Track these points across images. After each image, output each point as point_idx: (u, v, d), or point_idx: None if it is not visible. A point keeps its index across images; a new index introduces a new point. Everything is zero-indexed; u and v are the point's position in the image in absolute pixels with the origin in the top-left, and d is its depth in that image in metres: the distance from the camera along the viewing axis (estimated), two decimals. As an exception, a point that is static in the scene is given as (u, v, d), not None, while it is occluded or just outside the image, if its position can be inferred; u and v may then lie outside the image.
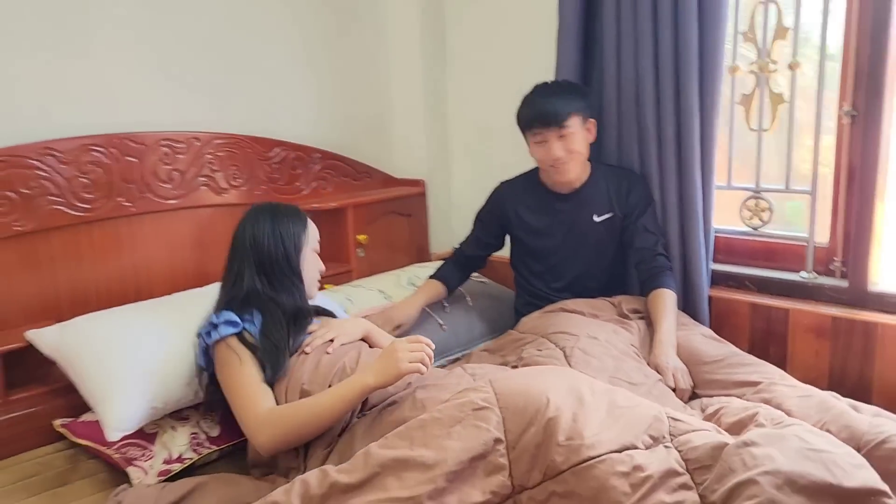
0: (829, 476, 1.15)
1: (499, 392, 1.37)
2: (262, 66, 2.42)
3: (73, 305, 1.99)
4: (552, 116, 1.98)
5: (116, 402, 1.63)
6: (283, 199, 2.40)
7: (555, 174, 2.07)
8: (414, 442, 1.30)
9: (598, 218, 2.11)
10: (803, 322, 2.01)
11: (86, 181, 1.99)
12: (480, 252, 2.29)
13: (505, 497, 1.26)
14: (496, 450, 1.29)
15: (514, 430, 1.31)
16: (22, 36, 1.92)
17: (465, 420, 1.32)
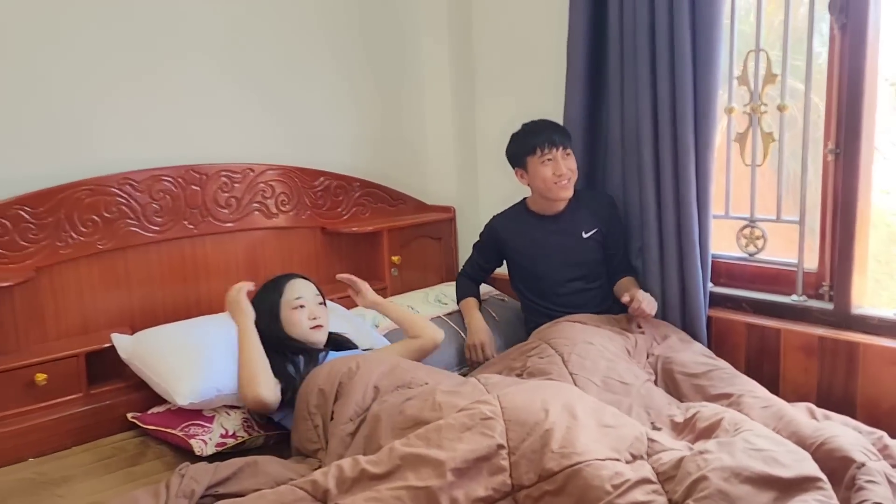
0: (769, 468, 1.38)
1: (504, 405, 1.61)
2: (308, 105, 2.72)
3: (143, 314, 2.30)
4: (561, 138, 2.32)
5: (186, 376, 1.96)
6: (326, 223, 2.70)
7: (558, 191, 2.33)
8: (430, 442, 1.55)
9: (587, 234, 2.39)
10: (794, 341, 2.20)
11: (157, 206, 2.31)
12: (482, 273, 2.61)
13: (505, 494, 1.47)
14: (499, 454, 1.51)
15: (516, 438, 1.53)
16: (108, 82, 2.26)
17: (474, 427, 1.56)
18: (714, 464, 1.41)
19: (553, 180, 2.32)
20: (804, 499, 1.33)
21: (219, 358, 2.03)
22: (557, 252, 2.39)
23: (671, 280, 2.34)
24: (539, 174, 2.33)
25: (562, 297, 2.39)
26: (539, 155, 2.32)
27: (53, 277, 2.14)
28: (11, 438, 1.93)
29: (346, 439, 1.77)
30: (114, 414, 2.09)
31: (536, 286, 2.44)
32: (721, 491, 1.35)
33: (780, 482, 1.37)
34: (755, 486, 1.36)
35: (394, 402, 1.79)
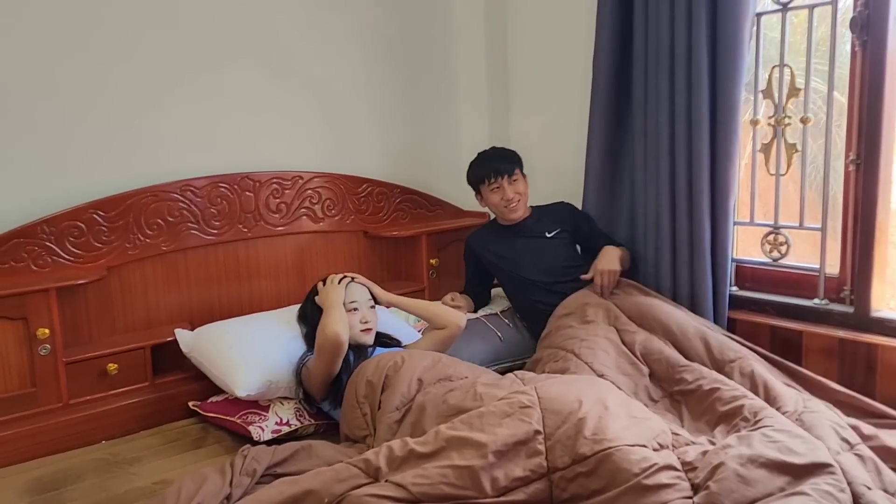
0: (784, 456, 1.51)
1: (541, 396, 1.75)
2: (352, 115, 2.89)
3: (201, 311, 2.48)
4: (504, 167, 2.62)
5: (242, 370, 2.13)
6: (368, 227, 2.87)
7: (508, 213, 2.64)
8: (473, 427, 1.69)
9: (549, 234, 2.66)
10: (815, 343, 2.30)
11: (214, 211, 2.49)
12: (480, 289, 2.83)
13: (541, 475, 1.60)
14: (536, 438, 1.65)
15: (551, 425, 1.67)
16: (173, 96, 2.46)
17: (513, 414, 1.70)
18: (732, 452, 1.54)
19: (502, 205, 2.62)
20: (816, 482, 1.46)
21: (273, 353, 2.20)
22: (527, 253, 2.63)
23: (682, 282, 2.48)
24: (490, 200, 2.65)
25: (545, 289, 2.57)
26: (488, 184, 2.62)
27: (122, 276, 2.33)
28: (86, 422, 2.12)
29: (392, 426, 1.92)
30: (177, 402, 2.28)
31: (528, 290, 2.61)
32: (738, 474, 1.48)
33: (793, 468, 1.49)
34: (770, 470, 1.49)
35: (437, 393, 1.94)
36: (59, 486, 1.86)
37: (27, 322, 2.06)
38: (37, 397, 2.09)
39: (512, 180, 2.60)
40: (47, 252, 2.18)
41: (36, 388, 2.09)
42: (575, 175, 2.91)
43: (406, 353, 2.12)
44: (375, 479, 1.62)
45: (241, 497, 1.69)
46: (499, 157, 2.65)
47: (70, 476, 1.91)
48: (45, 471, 1.94)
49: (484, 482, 1.57)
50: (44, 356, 2.09)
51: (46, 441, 2.05)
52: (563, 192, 2.86)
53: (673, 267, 2.52)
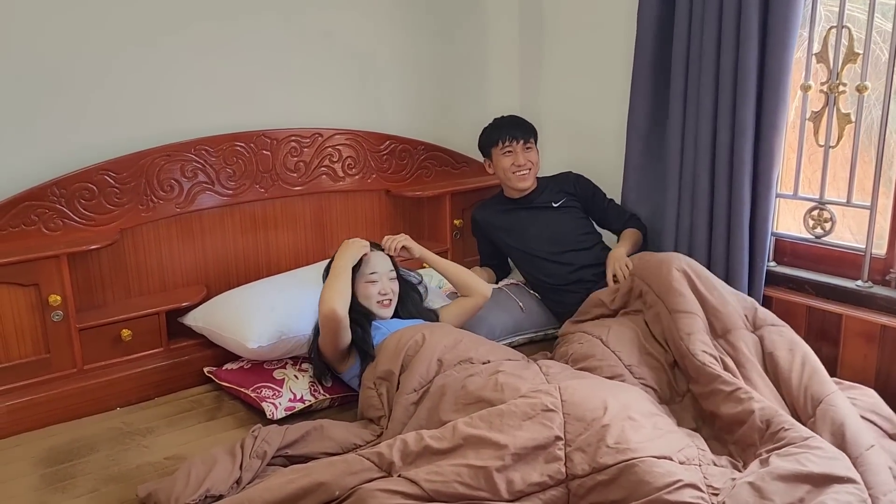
0: (800, 467, 1.45)
1: (565, 399, 1.67)
2: (374, 70, 2.75)
3: (217, 273, 2.43)
4: (520, 133, 2.55)
5: (253, 321, 2.10)
6: (390, 186, 2.77)
7: (517, 181, 2.55)
8: (492, 426, 1.62)
9: (556, 203, 2.58)
10: (855, 327, 2.19)
11: (230, 171, 2.41)
12: (496, 261, 2.75)
13: (559, 482, 1.54)
14: (556, 444, 1.58)
15: (573, 431, 1.60)
16: (183, 51, 2.34)
17: (535, 417, 1.63)
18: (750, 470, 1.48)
19: (512, 170, 2.54)
20: (837, 490, 1.39)
21: (281, 304, 2.16)
22: (534, 225, 2.56)
23: (717, 255, 2.37)
24: (500, 164, 2.56)
25: (557, 261, 2.49)
26: (500, 147, 2.54)
27: (135, 238, 2.28)
28: (100, 389, 2.11)
29: (409, 408, 1.87)
30: (192, 368, 2.25)
31: (536, 264, 2.54)
32: (754, 487, 1.43)
33: (811, 477, 1.43)
34: (787, 482, 1.43)
35: (457, 377, 1.88)
36: (72, 458, 1.85)
37: (38, 288, 2.02)
38: (50, 363, 2.07)
39: (526, 147, 2.54)
40: (58, 215, 2.12)
41: (49, 354, 2.07)
42: (609, 138, 2.77)
43: (427, 330, 2.05)
44: (388, 473, 1.59)
45: (251, 481, 1.66)
46: (516, 124, 2.59)
47: (84, 446, 1.90)
48: (59, 440, 1.94)
49: (499, 484, 1.52)
50: (56, 322, 2.06)
51: (60, 408, 2.04)
52: (596, 157, 2.73)
53: (709, 239, 2.40)
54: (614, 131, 2.71)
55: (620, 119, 2.64)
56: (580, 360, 2.03)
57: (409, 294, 2.31)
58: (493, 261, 2.75)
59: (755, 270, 2.34)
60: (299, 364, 2.18)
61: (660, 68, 2.48)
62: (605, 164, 2.77)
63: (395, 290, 2.21)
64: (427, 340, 1.99)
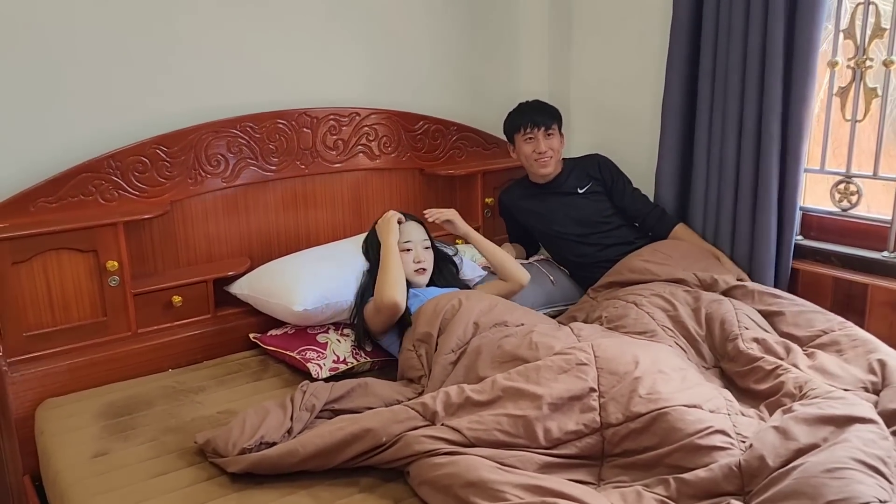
0: (823, 411, 1.54)
1: (598, 355, 1.76)
2: (410, 51, 2.84)
3: (261, 245, 2.53)
4: (543, 119, 2.58)
5: (298, 286, 2.19)
6: (424, 165, 2.85)
7: (538, 167, 2.59)
8: (529, 379, 1.71)
9: (582, 189, 2.63)
10: (880, 296, 2.24)
11: (273, 147, 2.51)
12: (525, 240, 2.82)
13: (594, 430, 1.62)
14: (590, 395, 1.66)
15: (606, 384, 1.68)
16: (232, 31, 2.44)
17: (570, 371, 1.71)
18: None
19: (533, 157, 2.58)
20: (859, 428, 1.46)
21: (325, 271, 2.25)
22: (560, 210, 2.61)
23: (742, 230, 2.42)
24: (522, 150, 2.61)
25: (586, 242, 2.56)
26: (522, 133, 2.59)
27: (184, 210, 2.38)
28: (153, 351, 2.22)
29: (447, 367, 1.96)
30: (238, 334, 2.35)
31: (563, 246, 2.62)
32: (778, 429, 1.49)
33: (834, 419, 1.50)
34: (811, 424, 1.50)
35: (493, 338, 1.96)
36: (131, 412, 1.96)
37: (97, 254, 2.13)
38: (108, 326, 2.19)
39: (548, 134, 2.57)
40: (114, 186, 2.23)
41: (107, 317, 2.18)
42: (640, 119, 2.84)
43: (463, 296, 2.14)
44: (432, 422, 1.67)
45: (302, 431, 1.76)
46: (538, 110, 2.62)
47: (140, 402, 2.01)
48: (117, 396, 2.05)
49: (538, 432, 1.60)
50: (113, 287, 2.17)
51: (117, 367, 2.16)
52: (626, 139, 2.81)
53: (734, 213, 2.46)
54: (646, 113, 2.78)
55: (652, 101, 2.71)
56: (614, 320, 2.11)
57: (445, 265, 2.40)
58: (521, 240, 2.83)
59: (783, 244, 2.40)
60: (341, 329, 2.28)
61: (695, 46, 2.53)
62: (635, 146, 2.84)
63: (430, 259, 2.30)
64: (463, 305, 2.08)
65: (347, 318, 2.26)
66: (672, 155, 2.61)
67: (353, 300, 2.24)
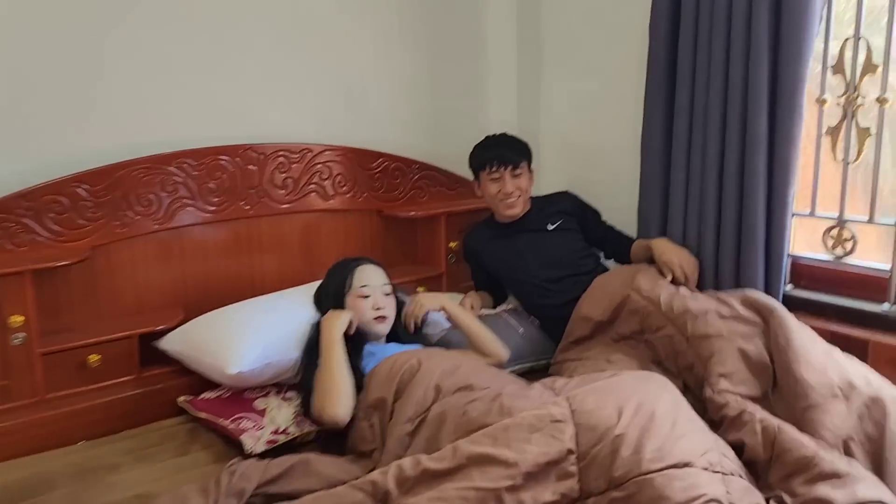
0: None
1: (574, 408, 1.54)
2: (367, 85, 2.63)
3: (197, 294, 2.26)
4: (510, 156, 2.36)
5: (236, 345, 1.93)
6: (382, 206, 2.62)
7: (504, 208, 2.39)
8: (497, 441, 1.48)
9: (552, 225, 2.42)
10: (883, 354, 2.03)
11: (213, 186, 2.26)
12: (491, 288, 2.57)
13: (572, 500, 1.42)
14: (568, 459, 1.45)
15: (585, 443, 1.47)
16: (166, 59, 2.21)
17: (543, 429, 1.49)
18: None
19: (499, 198, 2.38)
20: None
21: (268, 325, 2.00)
22: (530, 251, 2.39)
23: (726, 278, 2.22)
24: (487, 189, 2.40)
25: (555, 288, 2.33)
26: (488, 171, 2.37)
27: (109, 256, 2.12)
28: (64, 420, 1.92)
29: (404, 440, 1.70)
30: (165, 397, 2.06)
31: (532, 292, 2.39)
32: None
33: None
34: None
35: (457, 404, 1.72)
36: (27, 496, 1.66)
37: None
38: (10, 391, 1.90)
39: (515, 173, 2.37)
40: (25, 229, 1.96)
41: (9, 380, 1.89)
42: (614, 157, 2.65)
43: (424, 355, 1.89)
44: (384, 503, 1.42)
45: (227, 523, 1.48)
46: (506, 145, 2.41)
47: (41, 483, 1.71)
48: (15, 476, 1.75)
49: (511, 507, 1.35)
50: (17, 346, 1.88)
51: (19, 440, 1.85)
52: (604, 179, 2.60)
53: (716, 259, 2.25)
54: (622, 150, 2.59)
55: (629, 137, 2.51)
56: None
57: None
58: (487, 287, 2.59)
59: (772, 293, 2.19)
60: (284, 392, 2.01)
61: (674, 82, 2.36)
62: (610, 185, 2.64)
63: (392, 307, 2.06)
64: (423, 365, 1.83)
65: (292, 377, 1.99)
66: (654, 195, 2.41)
67: (300, 357, 1.97)
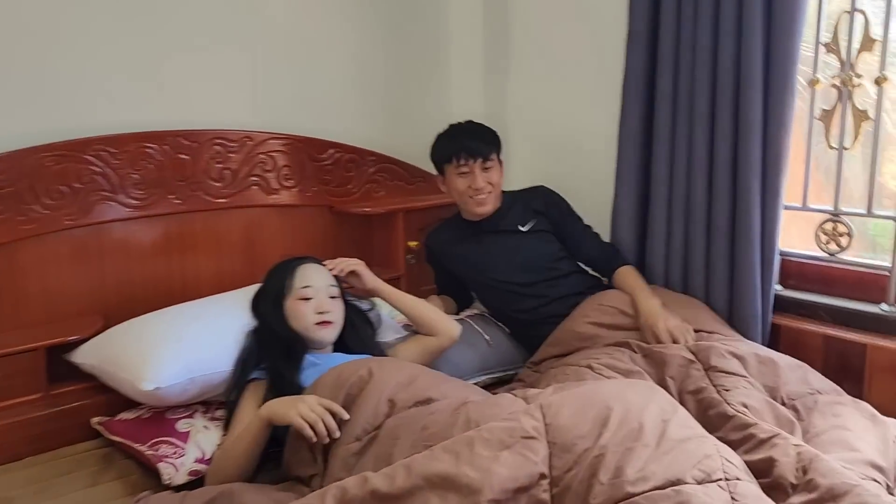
0: None
1: (549, 421, 1.33)
2: (319, 68, 2.39)
3: (120, 301, 2.00)
4: (479, 148, 2.10)
5: (153, 356, 1.67)
6: (334, 202, 2.38)
7: (474, 205, 2.13)
8: (460, 459, 1.26)
9: (525, 227, 2.16)
10: (882, 359, 1.85)
11: (137, 177, 2.00)
12: (455, 291, 2.33)
13: None
14: (539, 485, 1.25)
15: (560, 466, 1.26)
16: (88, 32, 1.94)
17: (513, 447, 1.28)
18: None
19: (468, 194, 2.13)
20: None
21: (193, 336, 1.74)
22: (501, 253, 2.15)
23: (718, 281, 2.02)
24: (454, 185, 2.15)
25: (525, 295, 2.10)
26: (455, 165, 2.12)
27: (12, 257, 1.84)
28: (-45, 447, 1.64)
29: (349, 461, 1.46)
30: (77, 419, 1.78)
31: (503, 298, 2.16)
32: None
33: None
34: None
35: (414, 416, 1.49)
36: None
37: None
38: None
39: (485, 167, 2.11)
40: None
41: None
42: (589, 147, 2.44)
43: (375, 364, 1.65)
44: (321, 533, 1.17)
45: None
46: (474, 135, 2.15)
47: (-85, 525, 1.44)
48: None
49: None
50: None
51: None
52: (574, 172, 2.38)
53: (706, 260, 2.05)
54: (598, 140, 2.37)
55: (605, 126, 2.30)
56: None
57: (359, 324, 1.91)
58: (451, 291, 2.35)
59: (764, 294, 2.00)
60: (213, 411, 1.75)
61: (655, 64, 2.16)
62: (584, 179, 2.42)
63: (339, 311, 1.81)
64: (375, 376, 1.59)
65: (222, 394, 1.73)
66: (632, 192, 2.19)
67: (232, 372, 1.72)
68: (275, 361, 1.69)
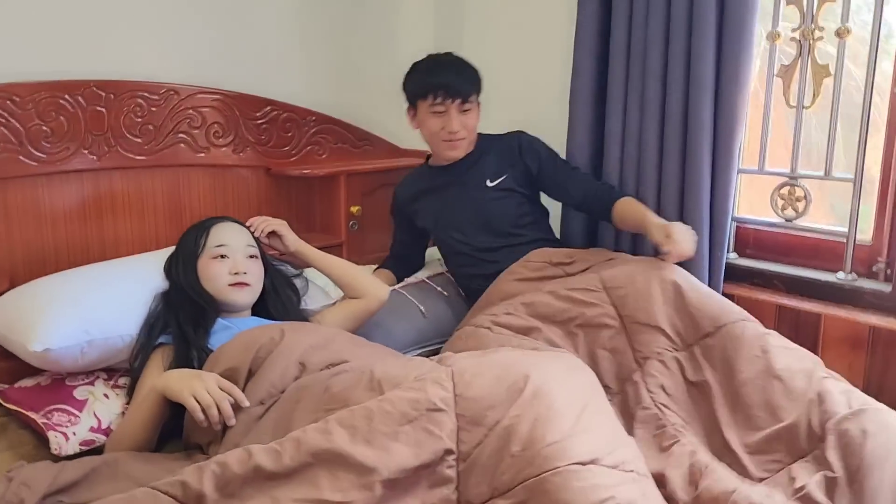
0: None
1: (459, 392, 1.22)
2: (255, 19, 2.23)
3: (27, 265, 1.84)
4: (460, 87, 1.91)
5: (45, 317, 1.53)
6: (271, 163, 2.25)
7: (446, 149, 1.98)
8: (356, 433, 1.15)
9: (492, 182, 1.99)
10: (837, 330, 1.76)
11: (47, 130, 1.84)
12: (410, 251, 2.23)
13: None
14: (445, 461, 1.16)
15: (468, 440, 1.17)
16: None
17: (416, 420, 1.17)
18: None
19: (441, 136, 1.96)
20: None
21: (92, 297, 1.61)
22: (463, 209, 2.00)
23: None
24: (427, 124, 1.97)
25: (494, 265, 1.94)
26: (431, 102, 1.93)
27: None
28: None
29: (249, 425, 1.34)
30: (-27, 387, 1.65)
31: (458, 256, 2.04)
32: None
33: None
34: None
35: (319, 378, 1.37)
36: None
37: None
38: None
39: (464, 108, 1.94)
40: None
41: None
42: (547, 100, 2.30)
43: (288, 326, 1.53)
44: (196, 511, 1.05)
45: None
46: (456, 71, 1.94)
47: None
48: None
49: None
50: None
51: None
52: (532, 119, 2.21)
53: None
54: (549, 93, 2.25)
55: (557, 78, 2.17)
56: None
57: (281, 289, 1.78)
58: (406, 250, 2.21)
59: (713, 262, 1.90)
60: (116, 378, 1.62)
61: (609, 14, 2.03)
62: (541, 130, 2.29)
63: (258, 273, 1.69)
64: (287, 337, 1.47)
65: (126, 361, 1.60)
66: (584, 150, 2.07)
67: (136, 336, 1.59)
68: (182, 325, 1.56)
